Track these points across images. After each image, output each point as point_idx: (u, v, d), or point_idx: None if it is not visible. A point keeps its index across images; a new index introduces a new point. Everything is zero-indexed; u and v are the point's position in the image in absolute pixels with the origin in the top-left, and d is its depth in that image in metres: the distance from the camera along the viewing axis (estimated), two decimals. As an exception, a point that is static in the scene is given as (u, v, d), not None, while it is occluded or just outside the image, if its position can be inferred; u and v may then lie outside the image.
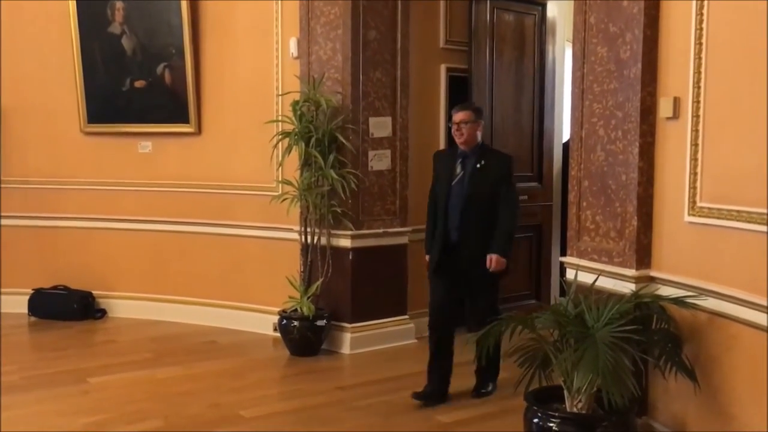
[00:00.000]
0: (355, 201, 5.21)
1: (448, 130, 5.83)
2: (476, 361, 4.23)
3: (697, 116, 3.27)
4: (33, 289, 6.13)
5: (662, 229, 3.52)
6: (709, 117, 3.23)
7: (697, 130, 3.28)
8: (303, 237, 5.31)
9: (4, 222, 6.20)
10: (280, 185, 5.39)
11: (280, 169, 5.41)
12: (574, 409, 3.23)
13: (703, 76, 3.24)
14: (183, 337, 5.64)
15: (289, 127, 5.21)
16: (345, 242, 5.24)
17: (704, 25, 3.22)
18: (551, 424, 3.20)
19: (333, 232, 5.24)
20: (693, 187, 3.30)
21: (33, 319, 6.08)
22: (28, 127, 6.21)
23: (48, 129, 6.20)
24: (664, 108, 3.47)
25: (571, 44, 4.15)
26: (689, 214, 3.33)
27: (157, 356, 5.18)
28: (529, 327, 3.30)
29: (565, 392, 3.26)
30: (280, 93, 5.52)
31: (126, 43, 5.91)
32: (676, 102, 3.40)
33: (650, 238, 3.56)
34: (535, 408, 3.29)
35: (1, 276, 6.17)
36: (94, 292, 6.16)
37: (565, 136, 6.02)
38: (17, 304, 6.09)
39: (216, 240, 5.89)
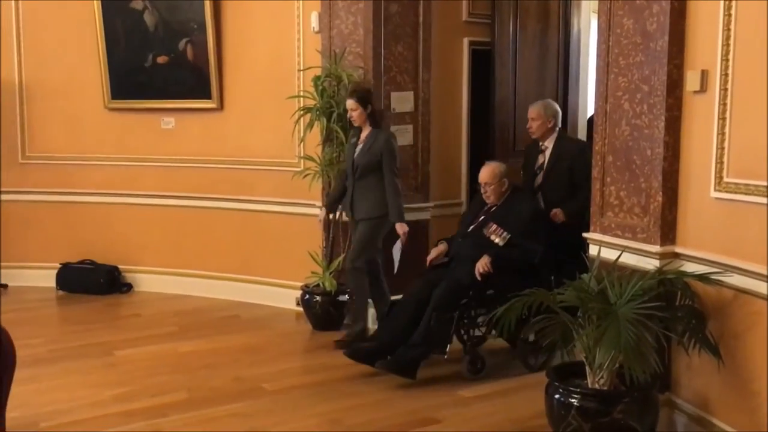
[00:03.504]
0: (376, 176, 5.19)
1: (472, 104, 5.81)
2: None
3: (725, 89, 3.20)
4: (61, 264, 6.23)
5: (687, 205, 3.47)
6: (738, 90, 3.16)
7: (725, 104, 3.21)
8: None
9: (30, 197, 6.28)
10: (302, 161, 5.38)
11: (302, 144, 5.40)
12: (596, 385, 3.23)
13: (731, 48, 3.16)
14: (206, 311, 5.70)
15: (310, 103, 5.20)
16: (367, 217, 5.22)
17: (733, -4, 3.14)
18: (573, 400, 3.20)
19: (355, 207, 5.23)
20: (720, 162, 3.24)
21: (61, 292, 6.19)
22: (51, 103, 6.26)
23: (71, 105, 6.24)
24: (692, 81, 3.39)
25: (596, 16, 4.08)
26: (716, 190, 3.27)
27: (181, 330, 5.25)
28: (550, 303, 3.29)
29: (587, 368, 3.26)
30: (301, 68, 5.50)
31: (148, 18, 5.91)
32: (704, 75, 3.33)
33: (675, 214, 3.51)
34: (557, 384, 3.29)
35: (31, 251, 6.26)
36: (119, 266, 6.24)
37: (590, 110, 5.94)
38: (45, 278, 6.20)
39: (238, 215, 5.92)
